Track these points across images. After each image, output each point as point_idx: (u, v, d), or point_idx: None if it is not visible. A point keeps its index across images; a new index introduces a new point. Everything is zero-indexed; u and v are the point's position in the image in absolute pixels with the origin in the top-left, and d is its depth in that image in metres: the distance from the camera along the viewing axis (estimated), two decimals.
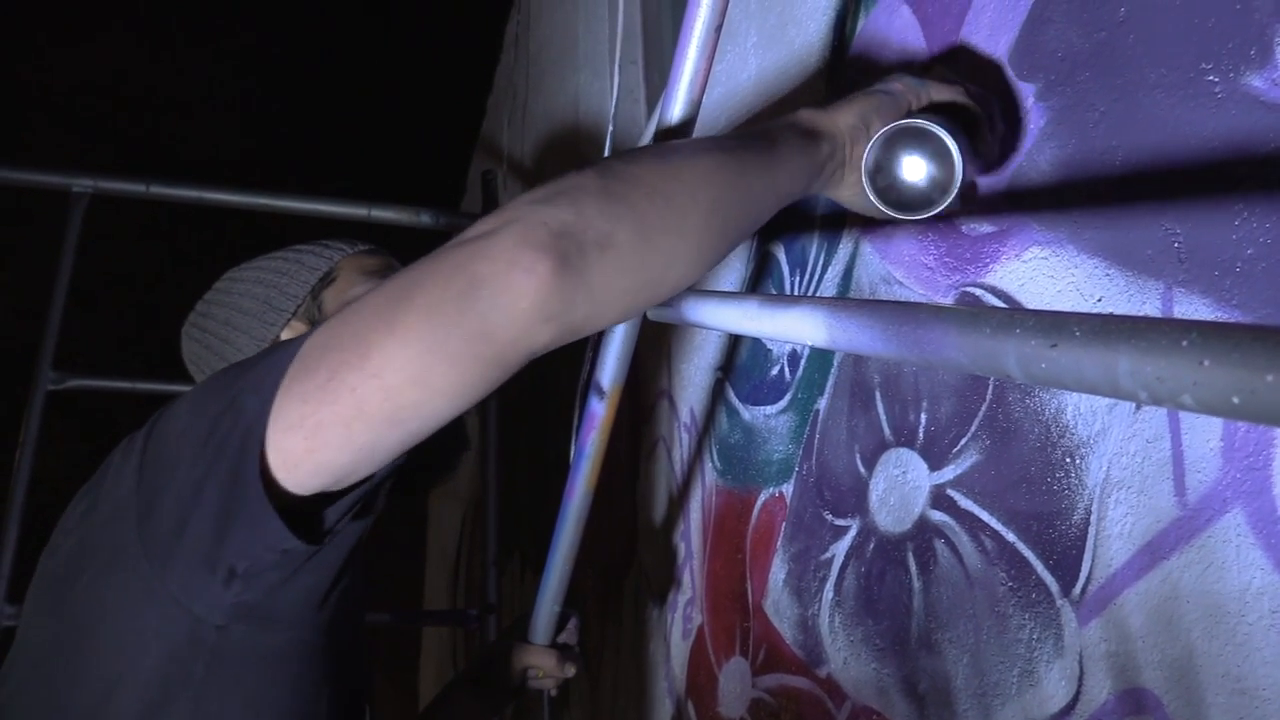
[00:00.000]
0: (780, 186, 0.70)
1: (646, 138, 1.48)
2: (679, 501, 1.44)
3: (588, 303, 0.57)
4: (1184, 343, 0.32)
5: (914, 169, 0.74)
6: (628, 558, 1.69)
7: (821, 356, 1.05)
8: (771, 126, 0.73)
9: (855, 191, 0.78)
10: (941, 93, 0.76)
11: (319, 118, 4.99)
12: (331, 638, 0.74)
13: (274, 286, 0.99)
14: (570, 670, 1.23)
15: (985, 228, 0.78)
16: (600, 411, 0.92)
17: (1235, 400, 0.30)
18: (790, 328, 0.61)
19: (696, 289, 0.77)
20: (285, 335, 0.97)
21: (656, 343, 1.59)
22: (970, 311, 0.44)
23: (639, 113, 2.08)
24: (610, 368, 0.89)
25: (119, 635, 0.66)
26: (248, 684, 0.68)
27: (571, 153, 2.43)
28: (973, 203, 0.79)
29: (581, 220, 0.56)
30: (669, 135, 0.76)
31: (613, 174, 0.60)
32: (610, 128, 1.00)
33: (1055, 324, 0.38)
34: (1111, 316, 0.36)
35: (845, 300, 0.56)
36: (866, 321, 0.52)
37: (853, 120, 0.74)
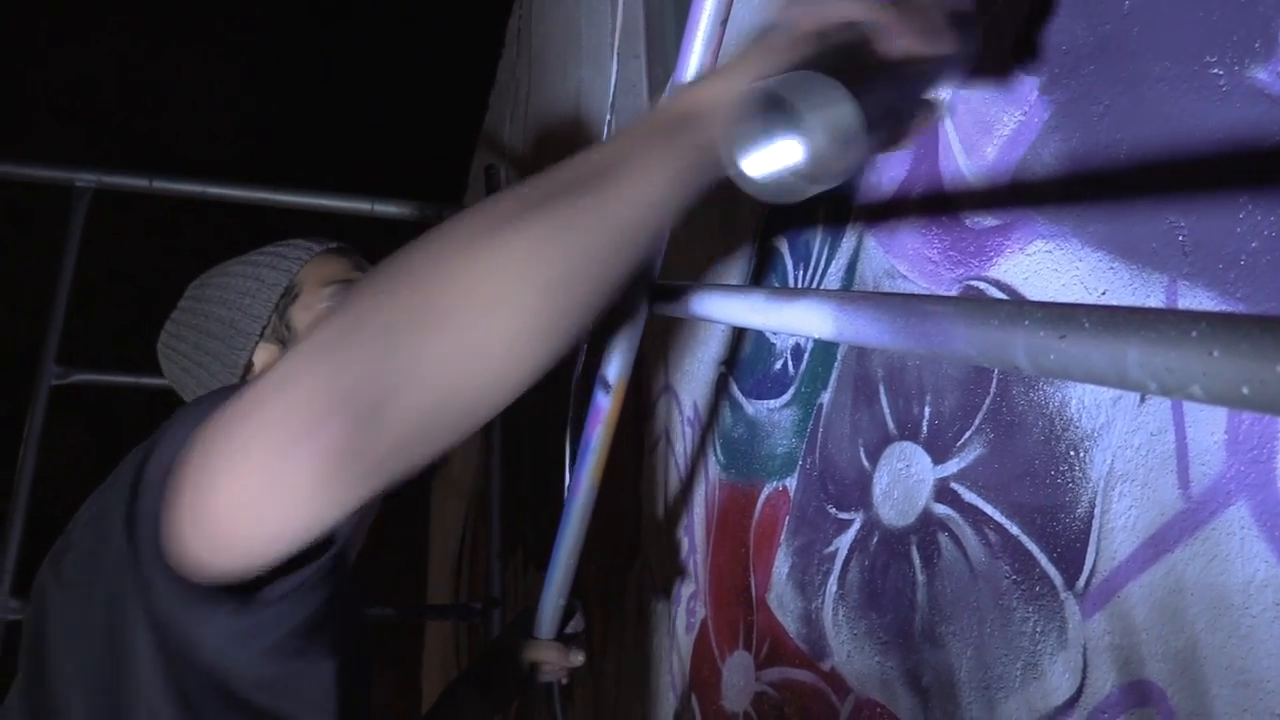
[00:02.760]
0: (648, 204, 0.57)
1: None
2: (682, 495, 1.45)
3: (394, 448, 0.50)
4: (1193, 333, 0.32)
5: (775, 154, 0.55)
6: (631, 551, 1.69)
7: (825, 350, 1.05)
8: (623, 132, 0.62)
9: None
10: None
11: (322, 112, 5.00)
12: (336, 637, 0.73)
13: (237, 308, 0.98)
14: (578, 659, 1.23)
15: (989, 221, 0.78)
16: (606, 405, 0.92)
17: (1245, 390, 0.30)
18: (797, 320, 0.61)
19: (702, 283, 0.77)
20: (257, 357, 0.98)
21: (659, 337, 1.59)
22: (978, 303, 0.44)
23: (641, 107, 2.08)
24: (616, 362, 0.89)
25: (132, 654, 0.64)
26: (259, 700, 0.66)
27: (573, 147, 2.42)
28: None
29: (363, 381, 0.49)
30: None
31: (402, 306, 0.51)
32: (609, 116, 1.00)
33: (1064, 315, 0.38)
34: (1120, 308, 0.37)
35: (852, 293, 0.56)
36: (874, 314, 0.52)
37: (732, 84, 0.58)
